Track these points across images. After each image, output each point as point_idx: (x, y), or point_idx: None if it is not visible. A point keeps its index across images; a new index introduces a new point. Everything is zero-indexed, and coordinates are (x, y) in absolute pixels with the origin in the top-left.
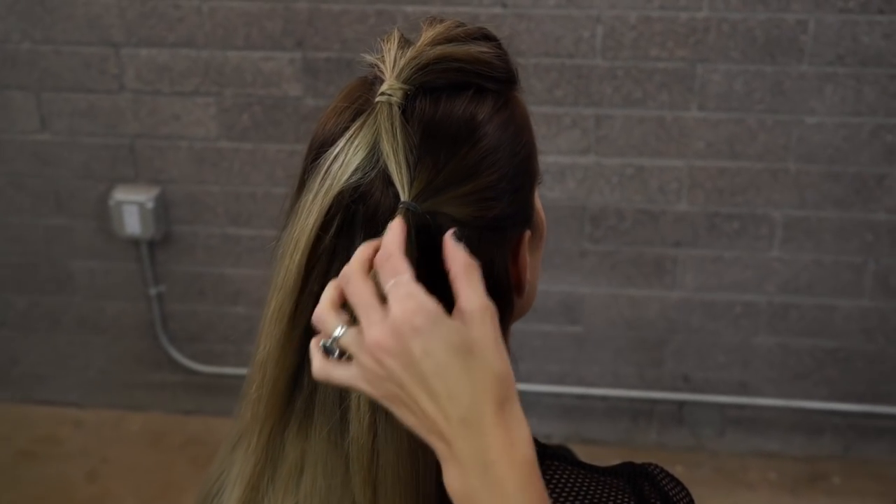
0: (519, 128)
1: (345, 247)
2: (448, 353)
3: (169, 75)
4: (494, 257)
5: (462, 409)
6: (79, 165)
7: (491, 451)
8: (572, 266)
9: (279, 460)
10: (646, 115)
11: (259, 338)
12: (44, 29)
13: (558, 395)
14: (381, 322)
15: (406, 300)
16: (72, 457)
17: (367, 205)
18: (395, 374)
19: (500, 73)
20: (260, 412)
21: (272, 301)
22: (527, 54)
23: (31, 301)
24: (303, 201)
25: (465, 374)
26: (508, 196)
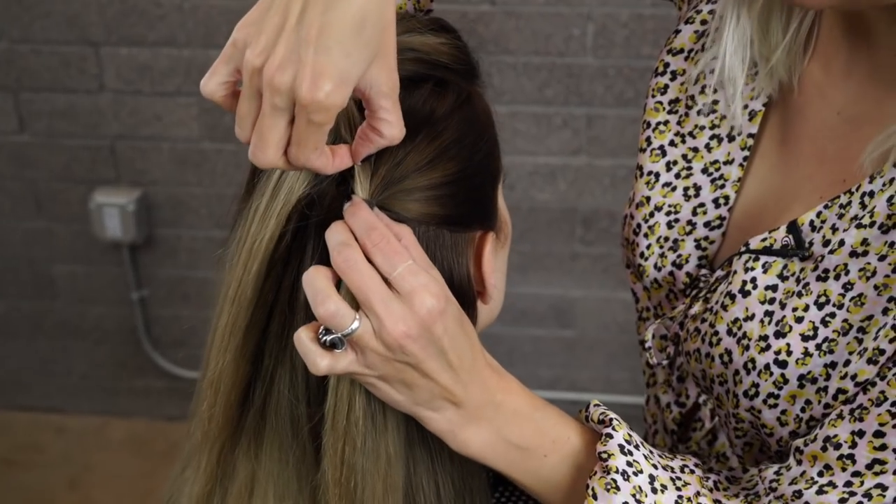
0: (481, 125)
1: (298, 254)
2: (456, 325)
3: (150, 75)
4: (453, 259)
5: (467, 367)
6: (58, 167)
7: (496, 392)
8: (564, 269)
9: (230, 480)
10: (638, 114)
11: (208, 354)
12: (21, 27)
13: (550, 400)
14: (406, 315)
15: (428, 289)
16: (54, 464)
17: (321, 206)
18: (414, 356)
19: (460, 66)
20: (211, 431)
21: (223, 314)
22: (516, 52)
23: (11, 305)
24: (254, 206)
25: (465, 338)
26: (466, 193)
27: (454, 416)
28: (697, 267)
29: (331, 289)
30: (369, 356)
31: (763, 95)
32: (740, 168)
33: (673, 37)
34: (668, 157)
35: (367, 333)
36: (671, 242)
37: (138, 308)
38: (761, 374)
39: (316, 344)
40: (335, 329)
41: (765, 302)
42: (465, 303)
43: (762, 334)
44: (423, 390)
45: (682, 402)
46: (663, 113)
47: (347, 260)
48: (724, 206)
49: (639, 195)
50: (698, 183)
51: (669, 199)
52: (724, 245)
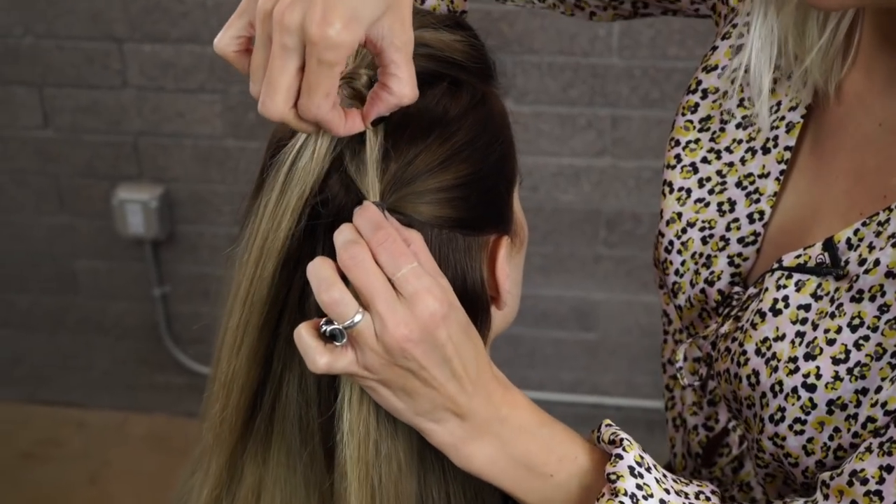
0: (496, 126)
1: (309, 252)
2: (461, 333)
3: (173, 71)
4: (466, 264)
5: (473, 378)
6: (82, 163)
7: (502, 406)
8: (586, 271)
9: (237, 485)
10: (664, 116)
11: (219, 354)
12: (46, 23)
13: (571, 403)
14: (408, 318)
15: (431, 292)
16: (74, 459)
17: (332, 204)
18: (416, 361)
19: (475, 65)
20: (223, 434)
21: (234, 314)
22: (541, 52)
23: (34, 300)
24: (264, 202)
25: (471, 346)
26: (479, 196)
27: (457, 428)
28: (730, 284)
29: (335, 277)
30: (369, 357)
31: (801, 107)
32: (776, 182)
33: (710, 54)
34: (700, 173)
35: (367, 330)
36: (704, 258)
37: (160, 304)
38: (788, 398)
39: (316, 340)
40: (337, 319)
41: (796, 322)
42: (479, 308)
43: (792, 355)
44: (425, 399)
45: (711, 427)
46: (693, 132)
47: (354, 257)
48: (759, 221)
49: (669, 212)
50: (733, 198)
51: (703, 215)
52: (758, 262)
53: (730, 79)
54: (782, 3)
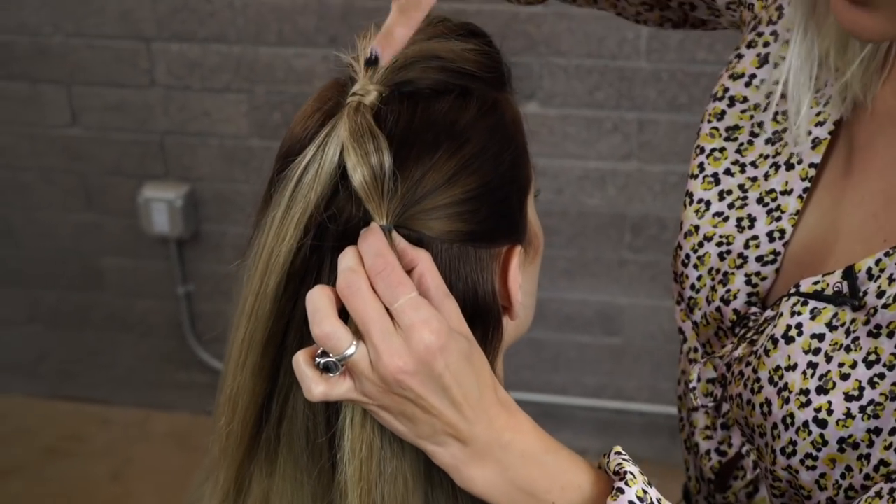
0: (507, 134)
1: (315, 268)
2: (461, 361)
3: (200, 71)
4: (478, 276)
5: (473, 405)
6: (109, 161)
7: (505, 432)
8: (611, 276)
9: (245, 496)
10: (691, 120)
11: (226, 368)
12: (76, 22)
13: (594, 409)
14: (402, 350)
15: (429, 324)
16: (97, 455)
17: (339, 221)
18: (413, 391)
19: (487, 73)
20: (229, 448)
21: (240, 328)
22: (568, 55)
23: (60, 297)
24: (270, 217)
25: (472, 374)
26: (490, 207)
27: (459, 452)
28: (746, 304)
29: (330, 309)
30: (366, 385)
31: (829, 122)
32: (799, 200)
33: (735, 61)
34: (721, 185)
35: (363, 361)
36: (721, 275)
37: (184, 303)
38: (799, 432)
39: (312, 368)
40: (331, 352)
41: (809, 352)
42: (490, 319)
43: (803, 388)
44: (425, 425)
45: (724, 451)
46: (719, 139)
47: (351, 286)
48: (780, 240)
49: (687, 224)
50: (753, 214)
51: (721, 230)
52: (778, 282)
53: (765, 92)
54: (825, 15)
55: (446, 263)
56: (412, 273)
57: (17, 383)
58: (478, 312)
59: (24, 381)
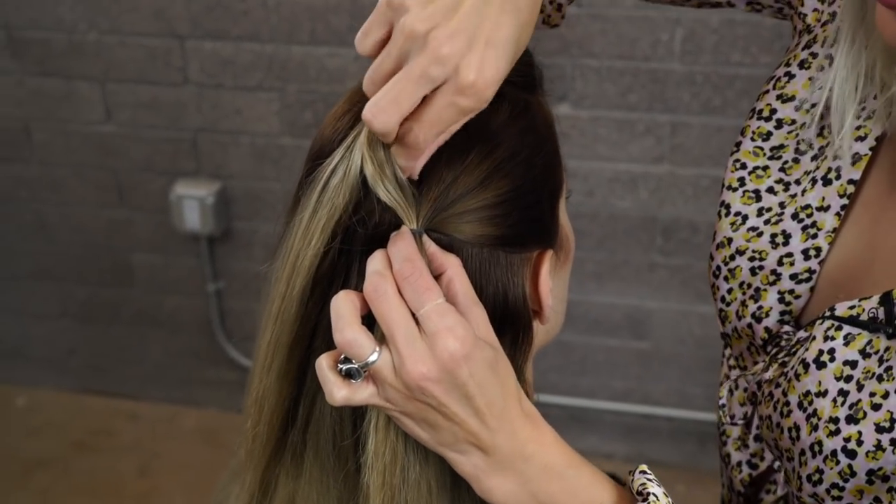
0: (539, 137)
1: (343, 271)
2: (486, 370)
3: (232, 69)
4: (508, 280)
5: (497, 415)
6: (141, 158)
7: (528, 444)
8: (641, 279)
9: (271, 499)
10: (724, 123)
11: (253, 370)
12: (110, 20)
13: (622, 413)
14: (426, 356)
15: (454, 331)
16: (125, 450)
17: (368, 225)
18: (436, 398)
19: (518, 76)
20: (255, 450)
21: (266, 331)
22: (600, 56)
23: (92, 292)
24: (298, 220)
25: (497, 383)
26: (521, 211)
27: (480, 461)
28: (779, 322)
29: (353, 316)
30: (389, 392)
31: (871, 138)
32: (836, 217)
33: (785, 80)
34: (762, 202)
35: (386, 368)
36: (752, 290)
37: (213, 300)
38: (827, 461)
39: (334, 373)
40: (354, 358)
41: (840, 378)
42: (520, 324)
43: (833, 415)
44: (447, 432)
45: (755, 464)
46: (763, 158)
47: (378, 290)
48: (815, 258)
49: (721, 235)
50: (788, 230)
51: (753, 244)
52: (812, 300)
53: (811, 112)
54: (872, 27)
55: (476, 267)
56: (441, 278)
57: (47, 377)
58: (508, 316)
59: (54, 375)
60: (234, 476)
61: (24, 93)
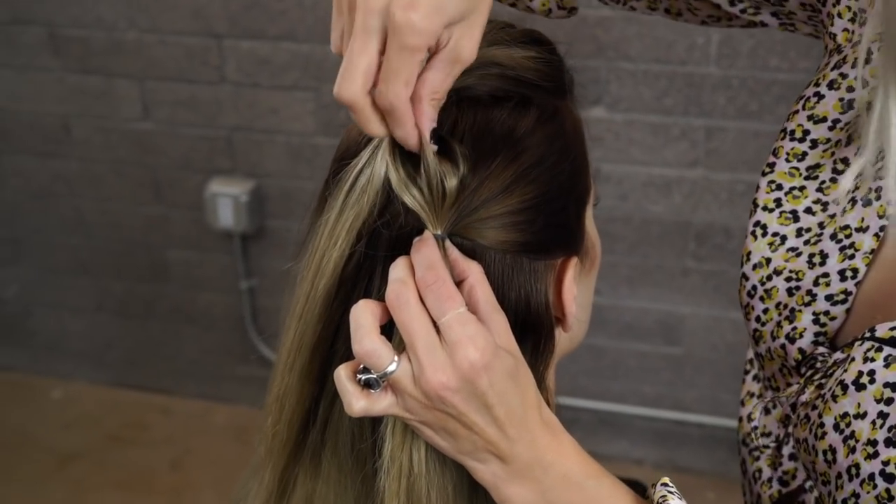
0: (566, 143)
1: (367, 274)
2: (505, 379)
3: (269, 68)
4: (531, 287)
5: (516, 424)
6: (178, 155)
7: (547, 452)
8: (674, 284)
9: (288, 498)
10: (761, 128)
11: (275, 369)
12: (150, 18)
13: (652, 418)
14: (446, 366)
15: (474, 341)
16: (157, 444)
17: (393, 228)
18: (455, 408)
19: (548, 82)
20: (275, 448)
21: (290, 330)
22: (636, 59)
23: (127, 287)
24: (324, 220)
25: (517, 392)
26: (547, 217)
27: (499, 469)
28: (813, 344)
29: (373, 326)
30: (408, 401)
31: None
32: (875, 238)
33: (814, 100)
34: (801, 223)
35: (405, 378)
36: (788, 311)
37: (246, 297)
38: (864, 485)
39: (353, 384)
40: (372, 369)
41: (881, 401)
42: (542, 331)
43: (872, 438)
44: (467, 441)
45: (786, 482)
46: (799, 178)
47: (399, 298)
48: (852, 279)
49: (758, 256)
50: (825, 250)
51: (792, 265)
52: (848, 322)
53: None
54: None
55: (499, 273)
56: (462, 284)
57: (83, 371)
58: (530, 323)
59: (90, 368)
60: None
61: (64, 90)
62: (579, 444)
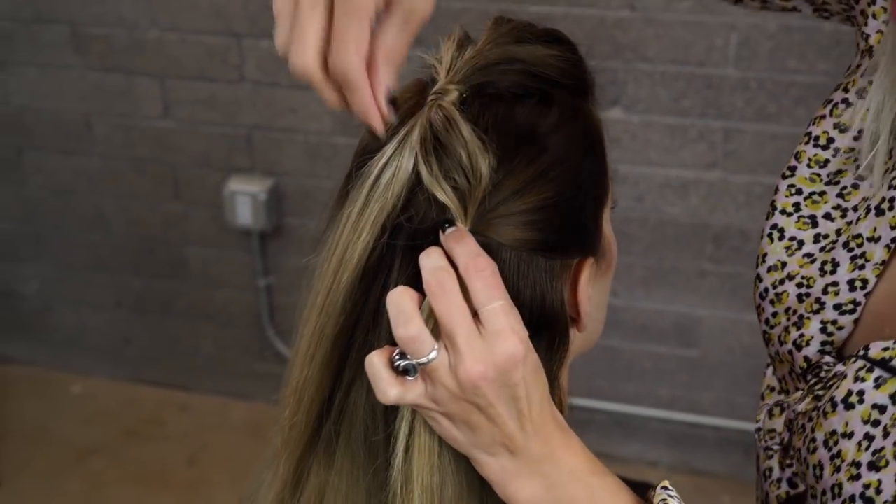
0: (587, 145)
1: (387, 266)
2: (535, 374)
3: (287, 68)
4: (547, 285)
5: (535, 418)
6: (197, 153)
7: (557, 449)
8: (690, 286)
9: (302, 488)
10: (779, 130)
11: (293, 361)
12: (171, 17)
13: (667, 420)
14: (486, 355)
15: (517, 333)
16: (174, 440)
17: (415, 221)
18: (486, 398)
19: (570, 81)
20: (291, 439)
21: (310, 322)
22: (654, 61)
23: (146, 284)
24: (346, 213)
25: (540, 387)
26: (564, 218)
27: (508, 464)
28: (819, 352)
29: (416, 312)
30: (439, 391)
31: None
32: (886, 250)
33: (842, 107)
34: (819, 228)
35: (443, 366)
36: (797, 317)
37: (264, 295)
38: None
39: (388, 371)
40: (412, 355)
41: (868, 422)
42: (557, 330)
43: (856, 459)
44: (486, 434)
45: (795, 483)
46: (820, 183)
47: (442, 286)
48: (861, 290)
49: (773, 259)
50: (837, 258)
51: (805, 270)
52: (856, 332)
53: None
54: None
55: (515, 269)
56: None
57: (102, 366)
58: (544, 322)
59: (109, 364)
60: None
61: (86, 87)
62: (593, 445)
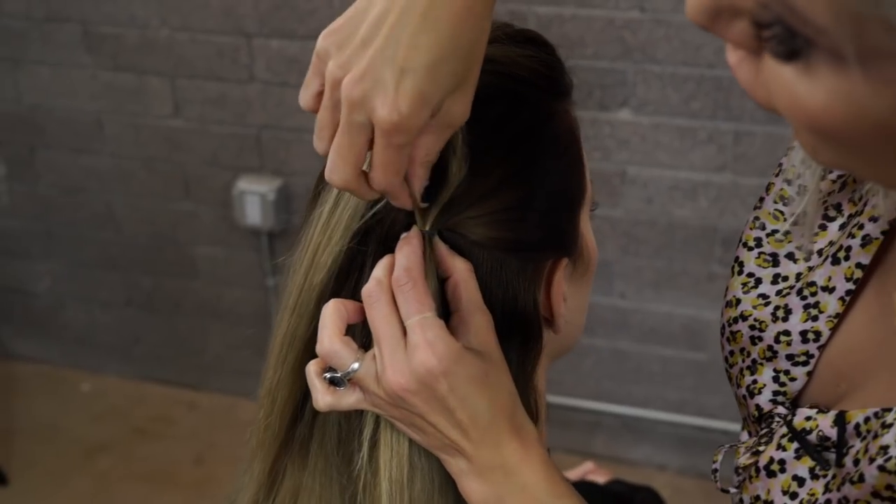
0: (560, 145)
1: (357, 268)
2: (470, 384)
3: (298, 67)
4: (519, 285)
5: (482, 428)
6: (207, 153)
7: (510, 458)
8: (699, 289)
9: (277, 490)
10: (789, 133)
11: (268, 362)
12: (181, 17)
13: (676, 424)
14: (405, 368)
15: (434, 346)
16: (182, 438)
17: (385, 223)
18: (417, 408)
19: (544, 82)
20: (266, 440)
21: (283, 323)
22: (663, 62)
23: (156, 282)
24: (318, 214)
25: (484, 397)
26: (537, 217)
27: (463, 465)
28: (771, 402)
29: (335, 327)
30: (374, 398)
31: (884, 220)
32: (841, 303)
33: None
34: (780, 268)
35: (368, 377)
36: (750, 361)
37: (272, 294)
38: None
39: (320, 379)
40: (336, 367)
41: (787, 493)
42: (530, 331)
43: None
44: (433, 437)
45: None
46: (783, 222)
47: (371, 297)
48: (814, 342)
49: (731, 293)
50: (790, 305)
51: (757, 313)
52: (812, 384)
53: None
54: None
55: (488, 269)
56: (448, 281)
57: (111, 364)
58: (517, 322)
59: (118, 362)
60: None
61: (97, 86)
62: (601, 448)
